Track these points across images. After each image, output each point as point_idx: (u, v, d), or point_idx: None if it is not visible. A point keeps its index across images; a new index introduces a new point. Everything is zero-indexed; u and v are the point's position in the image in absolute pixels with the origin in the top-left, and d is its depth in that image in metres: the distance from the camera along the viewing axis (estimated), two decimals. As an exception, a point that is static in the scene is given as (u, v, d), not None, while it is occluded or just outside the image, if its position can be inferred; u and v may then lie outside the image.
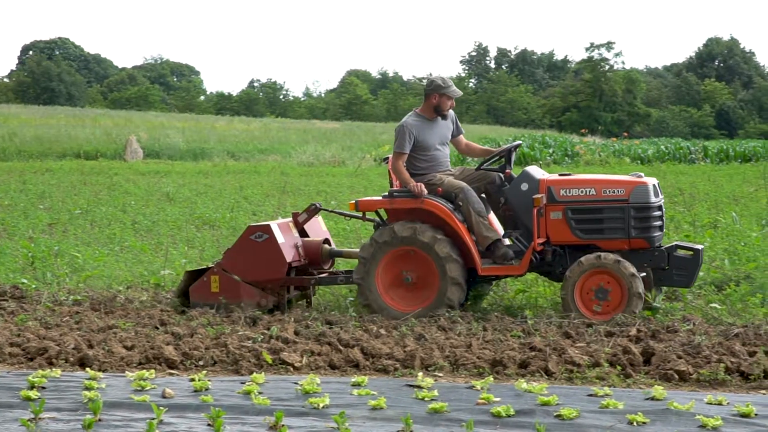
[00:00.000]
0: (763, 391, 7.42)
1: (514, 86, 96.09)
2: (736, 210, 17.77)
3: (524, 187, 9.87)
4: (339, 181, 27.98)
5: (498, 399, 6.87)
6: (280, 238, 10.24)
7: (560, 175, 10.07)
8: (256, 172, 32.49)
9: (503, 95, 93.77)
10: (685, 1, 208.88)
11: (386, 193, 10.16)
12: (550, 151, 43.01)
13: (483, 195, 10.14)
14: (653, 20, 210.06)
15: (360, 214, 10.56)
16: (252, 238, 10.27)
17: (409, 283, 9.99)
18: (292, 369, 8.14)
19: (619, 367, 7.90)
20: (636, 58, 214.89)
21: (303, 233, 10.75)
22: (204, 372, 7.91)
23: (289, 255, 10.25)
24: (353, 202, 10.25)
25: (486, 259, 9.89)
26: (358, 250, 10.40)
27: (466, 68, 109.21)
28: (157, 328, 9.43)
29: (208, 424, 6.27)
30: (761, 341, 8.43)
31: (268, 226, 10.30)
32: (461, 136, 10.52)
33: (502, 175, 10.16)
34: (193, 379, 7.51)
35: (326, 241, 10.77)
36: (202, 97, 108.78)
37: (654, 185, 9.83)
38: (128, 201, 21.68)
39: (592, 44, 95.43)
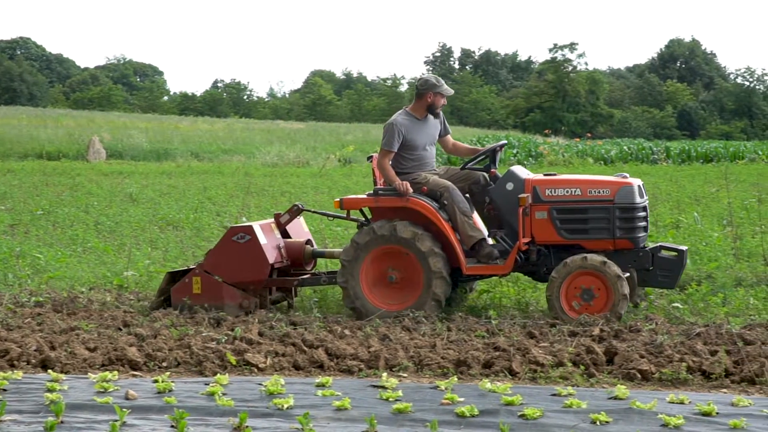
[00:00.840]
0: (725, 390, 7.49)
1: (478, 87, 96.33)
2: (697, 210, 17.91)
3: (510, 186, 9.88)
4: (303, 181, 27.93)
5: (462, 399, 6.88)
6: (262, 239, 10.19)
7: (545, 175, 10.10)
8: (220, 172, 32.37)
9: (467, 96, 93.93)
10: (647, 3, 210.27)
11: (371, 192, 10.15)
12: (514, 151, 43.16)
13: (467, 195, 10.14)
14: (616, 21, 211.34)
15: (343, 214, 10.52)
16: (234, 240, 10.22)
17: (392, 281, 9.98)
18: (256, 370, 8.12)
19: (582, 367, 7.93)
20: (599, 59, 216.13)
21: (284, 234, 10.70)
22: (167, 373, 7.87)
23: (271, 256, 10.20)
24: (338, 200, 10.23)
25: (471, 258, 9.90)
26: (340, 250, 10.37)
27: (430, 69, 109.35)
28: (120, 330, 9.37)
29: (172, 426, 6.25)
30: (722, 340, 8.50)
31: (251, 227, 10.25)
32: (448, 135, 10.53)
33: (486, 175, 10.18)
34: (156, 381, 7.47)
35: (308, 241, 10.74)
36: (166, 98, 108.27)
37: (639, 186, 9.89)
38: (91, 202, 21.53)
39: (555, 45, 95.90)
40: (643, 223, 9.84)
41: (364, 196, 10.18)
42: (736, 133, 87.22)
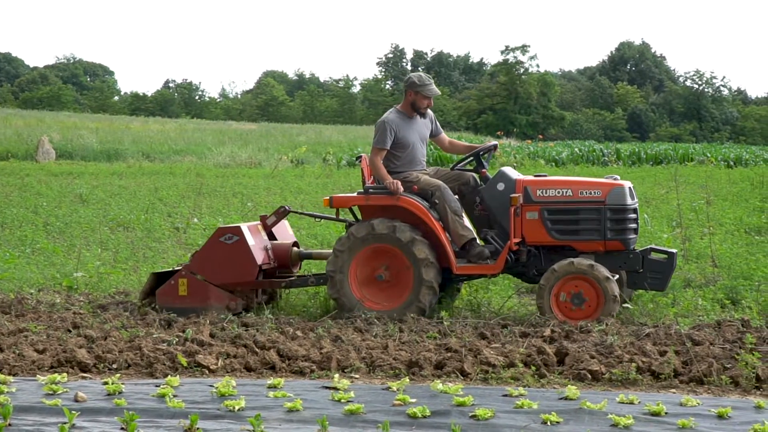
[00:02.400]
0: (674, 390, 7.55)
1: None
2: (647, 212, 18.07)
3: (500, 186, 9.89)
4: (255, 182, 27.82)
5: (414, 400, 6.89)
6: (250, 240, 10.10)
7: (536, 175, 10.12)
8: (172, 173, 32.18)
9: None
10: (598, 6, 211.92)
11: (362, 190, 10.10)
12: (466, 153, 43.22)
13: (457, 196, 10.12)
14: (567, 24, 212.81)
15: (329, 214, 10.45)
16: (222, 240, 10.14)
17: (380, 280, 9.95)
18: (207, 372, 8.08)
19: (533, 368, 7.97)
20: (550, 62, 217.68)
21: (270, 236, 10.63)
22: (118, 375, 7.81)
23: (259, 257, 10.13)
24: (327, 198, 10.16)
25: (461, 258, 9.88)
26: (329, 251, 10.30)
27: (383, 70, 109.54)
28: (70, 331, 9.28)
29: (122, 428, 6.20)
30: (671, 341, 8.57)
31: (239, 227, 10.16)
32: (442, 134, 10.53)
33: (476, 176, 10.19)
34: (106, 383, 7.41)
35: (295, 243, 10.67)
36: (116, 98, 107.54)
37: (629, 188, 9.94)
38: (40, 202, 21.32)
39: (507, 47, 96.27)
40: (634, 225, 9.89)
41: (355, 195, 10.14)
42: (685, 135, 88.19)
